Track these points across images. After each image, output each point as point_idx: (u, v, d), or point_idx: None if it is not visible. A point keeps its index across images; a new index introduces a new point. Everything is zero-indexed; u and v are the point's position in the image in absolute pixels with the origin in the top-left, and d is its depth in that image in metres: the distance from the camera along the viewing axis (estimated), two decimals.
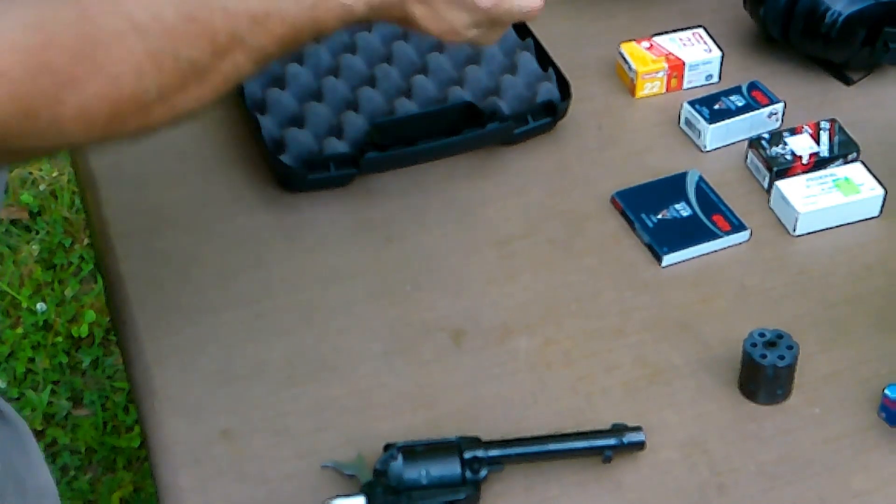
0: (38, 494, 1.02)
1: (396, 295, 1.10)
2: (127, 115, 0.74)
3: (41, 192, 2.53)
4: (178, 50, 0.74)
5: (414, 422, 0.99)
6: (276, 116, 1.23)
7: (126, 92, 0.73)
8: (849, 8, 1.25)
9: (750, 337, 1.00)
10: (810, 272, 1.12)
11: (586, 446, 0.95)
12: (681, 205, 1.16)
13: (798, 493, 0.95)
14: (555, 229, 1.16)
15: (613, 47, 1.32)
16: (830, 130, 1.22)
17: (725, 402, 1.01)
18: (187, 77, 0.75)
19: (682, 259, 1.13)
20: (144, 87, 0.74)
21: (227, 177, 1.22)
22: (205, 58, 0.76)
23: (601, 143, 1.26)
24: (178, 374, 1.04)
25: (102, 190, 1.20)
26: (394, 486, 0.92)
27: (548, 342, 1.06)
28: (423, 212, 1.18)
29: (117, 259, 1.13)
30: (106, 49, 0.72)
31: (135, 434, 2.09)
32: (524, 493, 0.95)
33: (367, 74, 1.28)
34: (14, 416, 1.02)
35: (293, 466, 0.97)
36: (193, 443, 0.98)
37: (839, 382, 1.03)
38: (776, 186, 1.16)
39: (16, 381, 2.19)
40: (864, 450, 0.98)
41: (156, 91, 0.74)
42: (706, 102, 1.25)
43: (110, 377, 2.20)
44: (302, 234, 1.16)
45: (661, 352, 1.05)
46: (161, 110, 0.76)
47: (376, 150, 1.18)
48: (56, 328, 2.27)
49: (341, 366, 1.04)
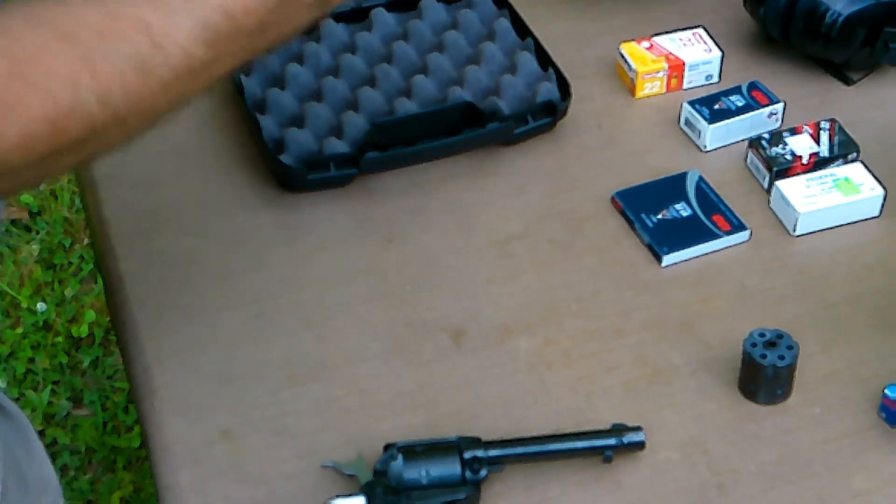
0: (39, 487, 1.02)
1: (396, 295, 1.10)
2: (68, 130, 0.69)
3: (41, 192, 2.53)
4: (111, 50, 0.70)
5: (414, 422, 0.99)
6: (276, 116, 1.23)
7: (64, 106, 0.68)
8: (849, 8, 1.25)
9: (750, 337, 1.00)
10: (810, 272, 1.12)
11: (586, 446, 0.95)
12: (681, 205, 1.16)
13: (798, 493, 0.95)
14: (555, 229, 1.16)
15: (613, 47, 1.32)
16: (830, 130, 1.22)
17: (725, 402, 1.01)
18: (127, 77, 0.71)
19: (682, 259, 1.13)
20: (81, 96, 0.69)
21: (227, 177, 1.22)
22: (143, 51, 0.71)
23: (601, 143, 1.26)
24: (178, 374, 1.04)
25: (102, 190, 1.20)
26: (394, 486, 0.92)
27: (548, 342, 1.06)
28: (423, 212, 1.18)
29: (117, 259, 1.13)
30: (35, 65, 0.67)
31: (135, 434, 2.09)
32: (524, 493, 0.95)
33: (367, 74, 1.28)
34: (15, 410, 1.02)
35: (293, 466, 0.97)
36: (193, 443, 0.98)
37: (839, 382, 1.03)
38: (776, 186, 1.16)
39: (16, 381, 2.19)
40: (864, 450, 0.98)
41: (94, 99, 0.69)
42: (706, 102, 1.25)
43: (110, 377, 2.21)
44: (302, 234, 1.16)
45: (661, 352, 1.05)
46: (104, 118, 0.71)
47: (376, 150, 1.18)
48: (56, 328, 2.27)
49: (341, 366, 1.04)
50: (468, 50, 1.31)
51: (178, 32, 0.73)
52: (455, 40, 1.31)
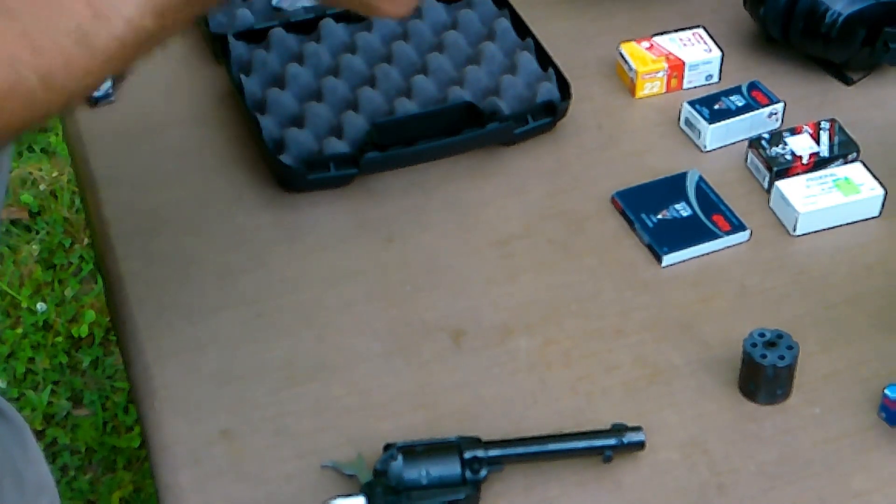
0: (36, 489, 1.02)
1: (396, 295, 1.10)
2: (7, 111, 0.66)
3: (41, 192, 2.53)
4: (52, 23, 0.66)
5: (414, 422, 0.99)
6: (276, 116, 1.23)
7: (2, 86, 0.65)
8: (849, 8, 1.25)
9: (750, 337, 1.00)
10: (810, 272, 1.12)
11: (586, 446, 0.95)
12: (681, 205, 1.16)
13: (798, 493, 0.95)
14: (555, 229, 1.16)
15: (613, 47, 1.32)
16: (830, 130, 1.22)
17: (725, 402, 1.01)
18: (70, 52, 0.67)
19: (682, 259, 1.13)
20: (21, 75, 0.65)
21: (227, 177, 1.22)
22: (85, 23, 0.67)
23: (601, 143, 1.26)
24: (178, 374, 1.04)
25: (102, 190, 1.20)
26: (394, 486, 0.92)
27: (548, 342, 1.06)
28: (423, 212, 1.18)
29: (117, 259, 1.13)
30: None
31: (135, 434, 2.09)
32: (524, 493, 0.95)
33: (367, 74, 1.28)
34: (11, 412, 1.02)
35: (293, 466, 0.97)
36: (193, 443, 0.98)
37: (839, 382, 1.03)
38: (776, 186, 1.16)
39: (16, 381, 2.19)
40: (864, 450, 0.98)
41: (36, 77, 0.66)
42: (706, 102, 1.25)
43: (110, 377, 2.21)
44: (302, 234, 1.16)
45: (661, 352, 1.05)
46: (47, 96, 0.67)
47: (376, 150, 1.18)
48: (56, 328, 2.27)
49: (341, 366, 1.04)
50: (468, 50, 1.31)
51: (123, 2, 0.68)
52: (455, 40, 1.31)
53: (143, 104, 1.29)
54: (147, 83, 1.30)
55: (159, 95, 1.31)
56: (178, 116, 1.29)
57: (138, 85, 1.29)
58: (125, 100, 1.29)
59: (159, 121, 1.28)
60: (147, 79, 1.29)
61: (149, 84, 1.30)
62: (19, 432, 1.02)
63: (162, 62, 1.29)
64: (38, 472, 1.04)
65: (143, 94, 1.30)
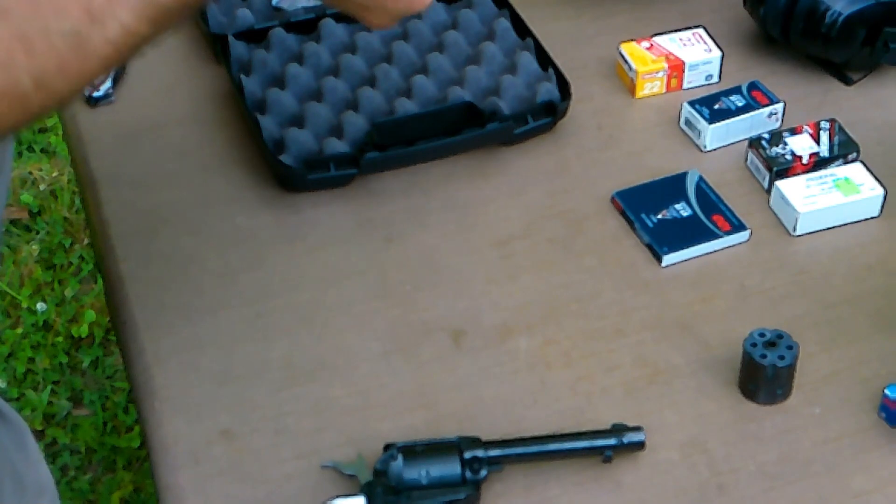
0: (36, 490, 1.02)
1: (396, 295, 1.10)
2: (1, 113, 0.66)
3: (41, 192, 2.53)
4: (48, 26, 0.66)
5: (414, 422, 0.99)
6: (276, 116, 1.23)
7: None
8: (849, 8, 1.25)
9: (750, 337, 1.00)
10: (810, 272, 1.12)
11: (586, 446, 0.95)
12: (681, 205, 1.16)
13: (798, 493, 0.95)
14: (555, 229, 1.16)
15: (613, 47, 1.32)
16: (830, 130, 1.22)
17: (725, 402, 1.01)
18: (64, 54, 0.67)
19: (682, 259, 1.13)
20: (15, 77, 0.65)
21: (227, 177, 1.22)
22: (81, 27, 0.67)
23: (601, 143, 1.26)
24: (178, 374, 1.04)
25: (102, 190, 1.20)
26: (394, 486, 0.92)
27: (548, 342, 1.06)
28: (423, 212, 1.18)
29: (117, 259, 1.13)
30: None
31: (135, 434, 2.09)
32: (524, 493, 0.95)
33: (367, 74, 1.28)
34: (11, 413, 1.02)
35: (293, 466, 0.97)
36: (193, 443, 0.98)
37: (839, 382, 1.03)
38: (776, 186, 1.16)
39: (16, 381, 2.19)
40: (864, 450, 0.98)
41: (30, 79, 0.66)
42: (706, 102, 1.25)
43: (110, 377, 2.20)
44: (302, 234, 1.16)
45: (661, 352, 1.05)
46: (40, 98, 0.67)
47: (376, 150, 1.18)
48: (56, 328, 2.27)
49: (341, 366, 1.04)
50: (468, 50, 1.31)
51: (120, 7, 0.68)
52: (455, 40, 1.31)
53: (143, 104, 1.29)
54: (147, 83, 1.30)
55: (159, 95, 1.31)
56: (178, 116, 1.29)
57: (138, 85, 1.29)
58: (125, 100, 1.29)
59: (159, 121, 1.28)
60: (147, 79, 1.30)
61: (149, 84, 1.30)
62: (19, 433, 1.02)
63: (162, 62, 1.30)
64: (37, 473, 1.04)
65: (143, 94, 1.30)
